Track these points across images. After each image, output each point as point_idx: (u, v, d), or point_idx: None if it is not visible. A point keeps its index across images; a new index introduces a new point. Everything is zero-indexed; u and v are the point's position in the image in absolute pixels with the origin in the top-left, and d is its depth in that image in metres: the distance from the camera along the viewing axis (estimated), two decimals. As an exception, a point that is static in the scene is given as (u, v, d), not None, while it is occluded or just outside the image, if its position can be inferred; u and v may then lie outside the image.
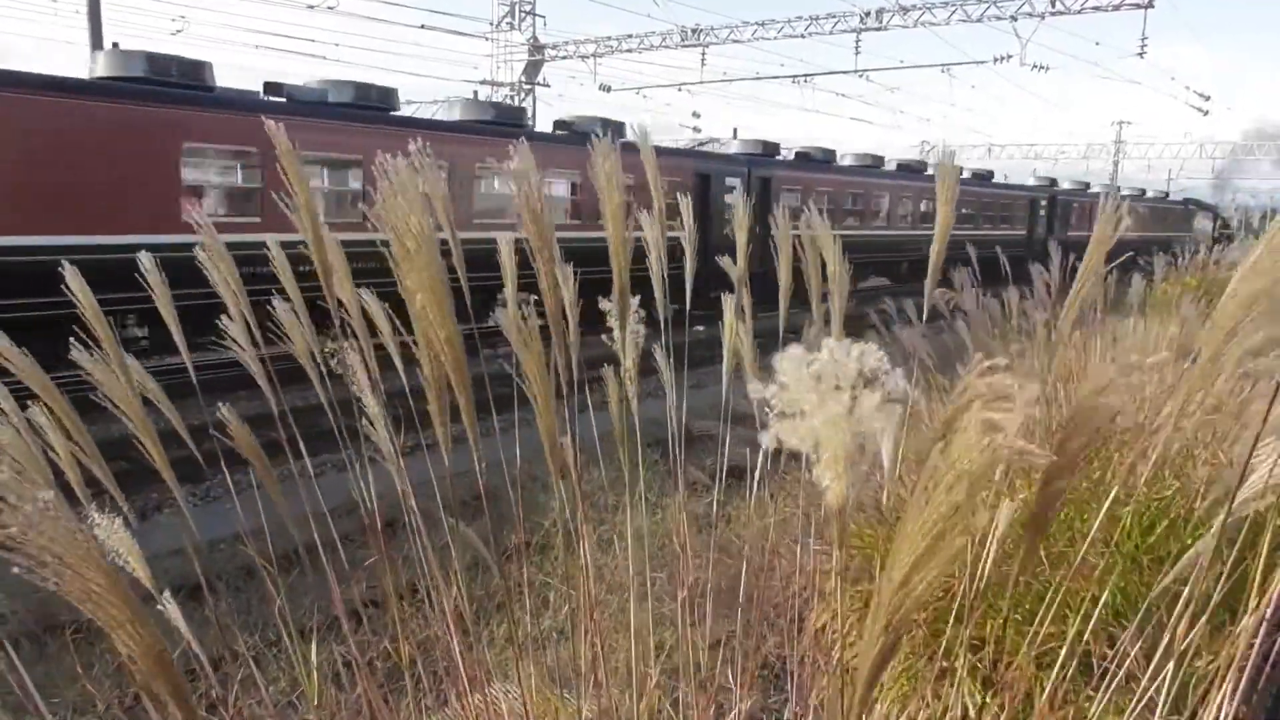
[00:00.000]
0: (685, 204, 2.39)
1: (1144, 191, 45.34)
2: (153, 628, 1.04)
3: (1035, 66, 29.38)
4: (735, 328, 2.53)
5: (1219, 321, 1.48)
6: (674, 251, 2.37)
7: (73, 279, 2.08)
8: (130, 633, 1.01)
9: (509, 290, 2.09)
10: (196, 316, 2.39)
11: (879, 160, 28.96)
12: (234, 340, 2.26)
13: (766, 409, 0.99)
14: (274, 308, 2.28)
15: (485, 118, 16.55)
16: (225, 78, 14.36)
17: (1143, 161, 59.16)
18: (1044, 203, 35.79)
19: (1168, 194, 50.98)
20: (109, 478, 1.99)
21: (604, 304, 2.10)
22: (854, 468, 0.99)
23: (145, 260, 2.16)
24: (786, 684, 2.43)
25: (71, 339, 1.99)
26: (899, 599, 0.98)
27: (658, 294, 2.30)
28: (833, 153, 27.01)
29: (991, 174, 35.16)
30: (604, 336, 2.15)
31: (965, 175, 29.47)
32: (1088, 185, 42.69)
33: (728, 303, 2.52)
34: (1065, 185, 42.87)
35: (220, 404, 2.17)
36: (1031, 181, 40.28)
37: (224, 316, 2.26)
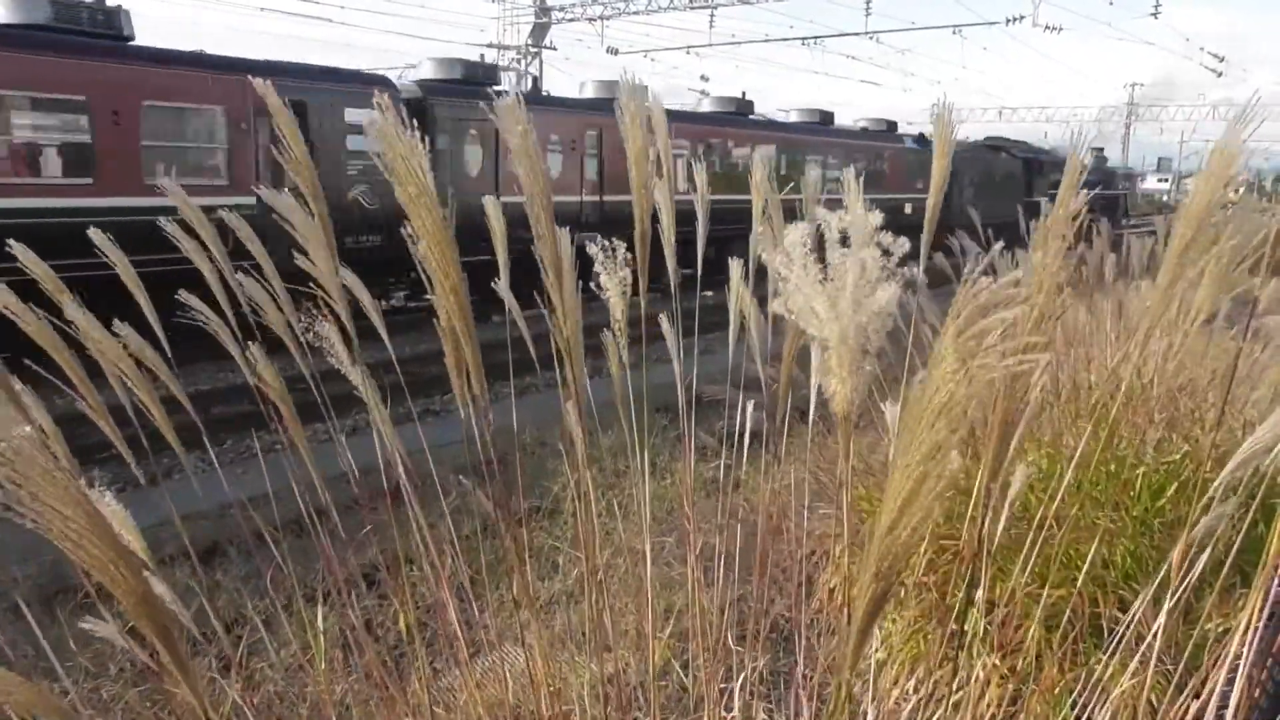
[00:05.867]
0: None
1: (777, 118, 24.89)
2: (137, 567, 1.03)
3: (1048, 28, 29.01)
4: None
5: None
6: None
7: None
8: (114, 574, 1.01)
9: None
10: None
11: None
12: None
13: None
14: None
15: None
16: (232, 40, 14.16)
17: (1155, 125, 58.52)
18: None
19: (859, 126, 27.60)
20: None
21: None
22: (858, 371, 1.04)
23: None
24: (795, 646, 2.44)
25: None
26: (887, 544, 0.98)
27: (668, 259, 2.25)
28: (492, 67, 18.81)
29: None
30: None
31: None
32: (895, 126, 27.74)
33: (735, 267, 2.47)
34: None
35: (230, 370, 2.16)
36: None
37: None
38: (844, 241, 1.15)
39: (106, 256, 2.21)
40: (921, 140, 27.82)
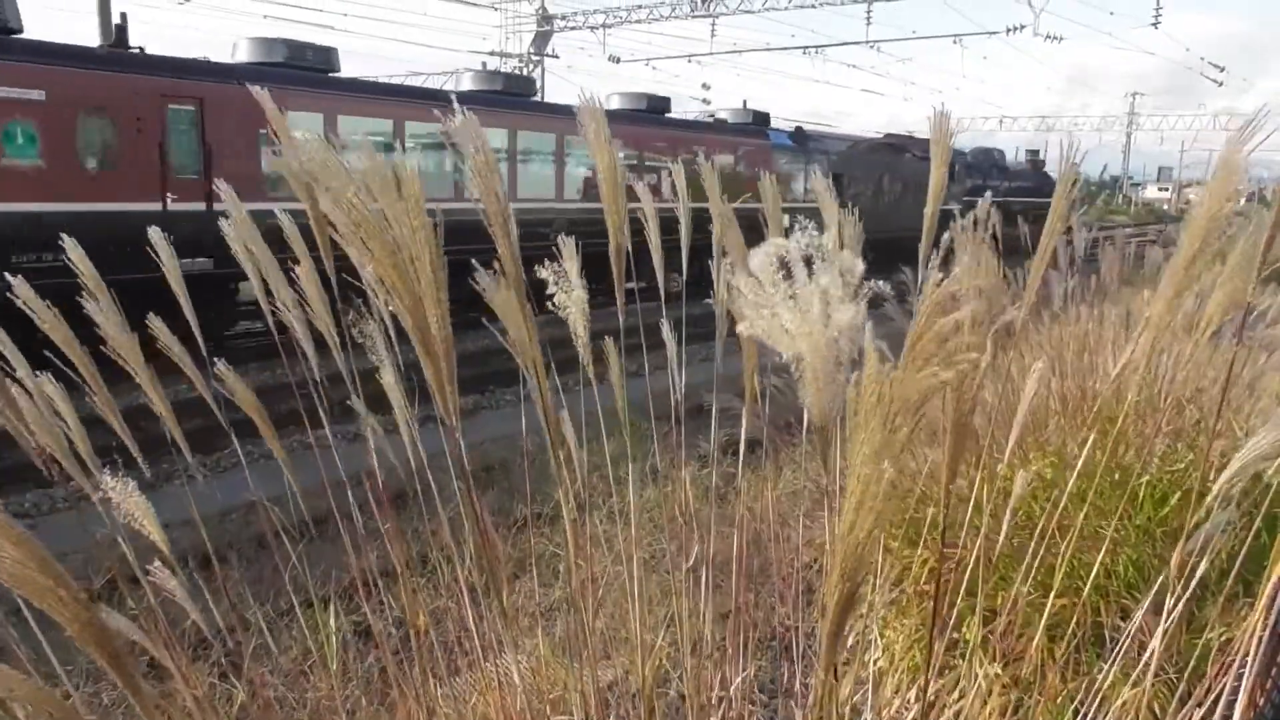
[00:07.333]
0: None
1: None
2: (77, 592, 1.01)
3: (1049, 37, 29.06)
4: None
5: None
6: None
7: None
8: (54, 603, 0.99)
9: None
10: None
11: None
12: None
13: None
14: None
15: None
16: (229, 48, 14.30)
17: (1155, 134, 58.54)
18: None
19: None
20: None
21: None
22: (833, 383, 1.04)
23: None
24: (794, 655, 2.43)
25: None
26: (850, 544, 1.00)
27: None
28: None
29: None
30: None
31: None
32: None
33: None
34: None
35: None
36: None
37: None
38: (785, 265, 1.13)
39: None
40: (797, 136, 23.17)
